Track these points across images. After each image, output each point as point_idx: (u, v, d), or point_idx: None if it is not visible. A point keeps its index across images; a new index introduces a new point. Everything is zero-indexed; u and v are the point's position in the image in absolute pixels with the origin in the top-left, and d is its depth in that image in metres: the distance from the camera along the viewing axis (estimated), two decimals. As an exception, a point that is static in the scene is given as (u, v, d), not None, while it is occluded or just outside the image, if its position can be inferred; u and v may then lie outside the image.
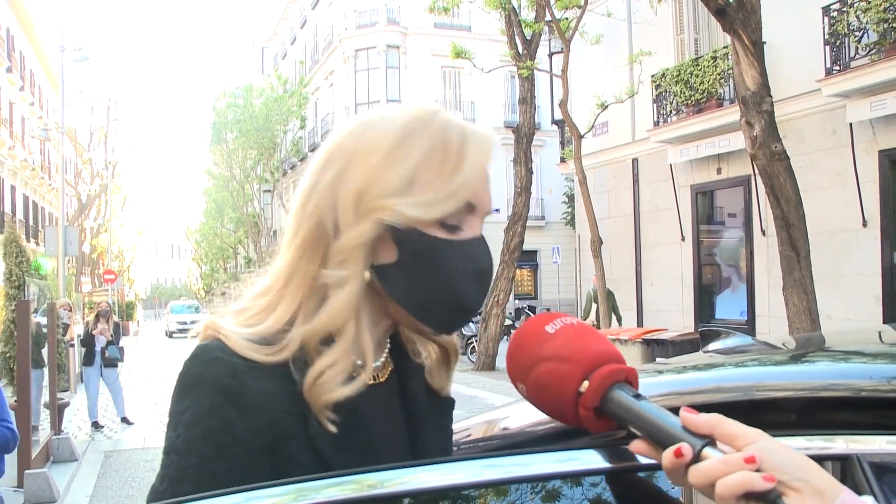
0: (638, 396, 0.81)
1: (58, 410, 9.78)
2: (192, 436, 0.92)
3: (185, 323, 41.42)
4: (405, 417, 1.09)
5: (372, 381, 1.04)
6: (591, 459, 0.84)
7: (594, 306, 16.20)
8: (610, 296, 16.13)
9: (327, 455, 0.94)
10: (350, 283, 0.98)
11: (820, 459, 0.77)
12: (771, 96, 8.85)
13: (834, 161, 13.19)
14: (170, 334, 42.82)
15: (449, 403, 1.16)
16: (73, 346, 14.81)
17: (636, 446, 0.80)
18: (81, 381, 13.76)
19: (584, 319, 15.46)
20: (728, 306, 16.45)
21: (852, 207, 12.85)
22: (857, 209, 12.78)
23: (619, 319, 16.63)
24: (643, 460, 0.83)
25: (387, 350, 1.10)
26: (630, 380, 0.84)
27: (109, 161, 50.65)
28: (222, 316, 1.03)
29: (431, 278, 0.99)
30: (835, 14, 12.63)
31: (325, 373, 0.95)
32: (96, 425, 11.62)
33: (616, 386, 0.82)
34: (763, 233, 14.66)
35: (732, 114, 12.90)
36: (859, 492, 0.83)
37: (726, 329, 2.29)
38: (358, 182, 0.99)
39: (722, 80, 15.18)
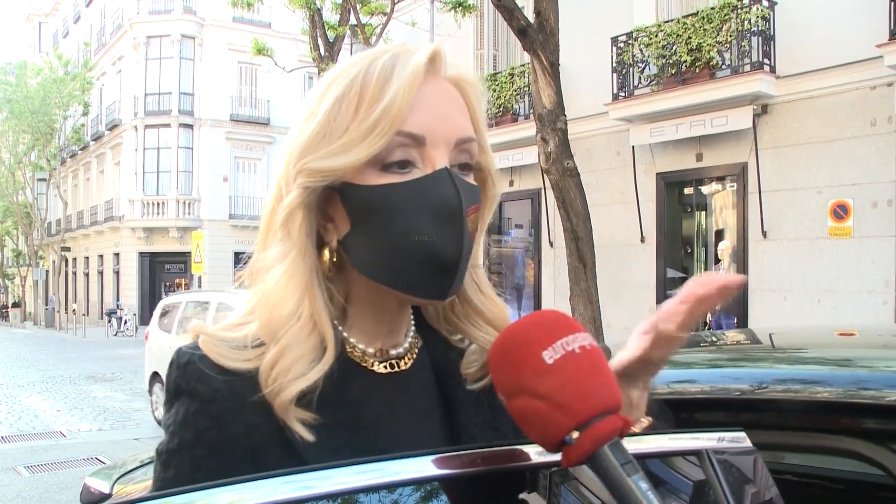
0: (627, 465, 0.71)
1: None
2: (170, 448, 0.85)
3: None
4: (442, 408, 0.97)
5: (386, 370, 0.94)
6: (394, 470, 0.75)
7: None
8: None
9: (310, 458, 0.82)
10: (285, 259, 0.87)
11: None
12: (565, 115, 9.25)
13: (618, 180, 14.11)
14: None
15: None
16: None
17: None
18: None
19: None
20: (516, 315, 17.08)
21: (633, 224, 13.80)
22: (636, 225, 13.75)
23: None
24: (448, 471, 0.77)
25: (410, 334, 0.99)
26: (624, 432, 0.74)
27: None
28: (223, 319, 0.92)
29: (386, 233, 0.84)
30: (622, 45, 13.53)
31: (275, 367, 0.83)
32: None
33: (608, 446, 0.72)
34: (551, 244, 15.38)
35: (526, 129, 13.45)
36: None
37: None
38: (286, 153, 0.89)
39: (518, 97, 15.80)
